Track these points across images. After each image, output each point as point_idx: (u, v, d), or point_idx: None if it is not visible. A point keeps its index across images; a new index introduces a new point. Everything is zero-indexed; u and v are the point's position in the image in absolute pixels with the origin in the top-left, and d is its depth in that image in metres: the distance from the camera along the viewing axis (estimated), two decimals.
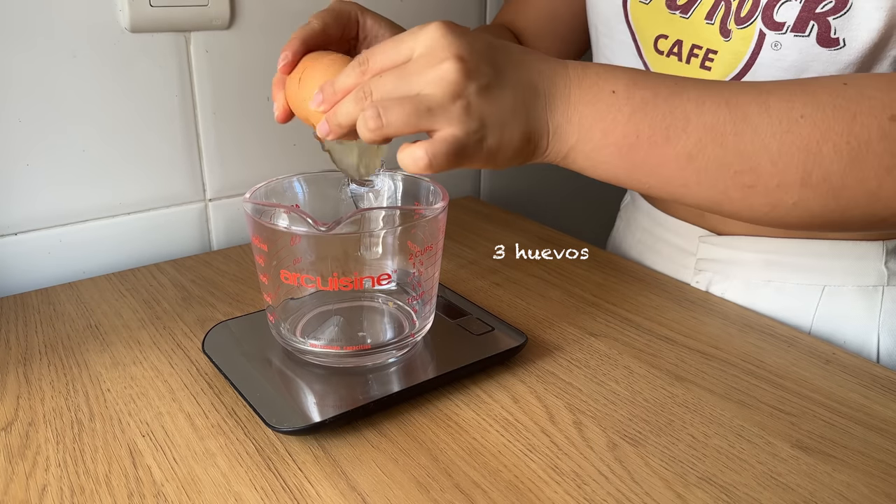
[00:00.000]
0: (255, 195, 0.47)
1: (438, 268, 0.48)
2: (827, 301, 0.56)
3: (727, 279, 0.61)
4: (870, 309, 0.56)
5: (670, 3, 0.54)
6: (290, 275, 0.45)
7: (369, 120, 0.37)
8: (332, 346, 0.46)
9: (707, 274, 0.62)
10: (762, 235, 0.58)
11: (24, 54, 0.59)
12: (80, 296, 0.61)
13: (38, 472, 0.40)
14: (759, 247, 0.58)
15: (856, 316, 0.56)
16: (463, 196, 0.90)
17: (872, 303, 0.56)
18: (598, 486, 0.39)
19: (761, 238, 0.58)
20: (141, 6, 0.62)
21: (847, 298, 0.56)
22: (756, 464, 0.40)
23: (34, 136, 0.62)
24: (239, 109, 0.71)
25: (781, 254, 0.58)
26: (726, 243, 0.60)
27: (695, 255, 0.63)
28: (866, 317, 0.56)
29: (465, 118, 0.37)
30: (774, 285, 0.58)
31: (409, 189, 0.51)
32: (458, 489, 0.39)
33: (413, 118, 0.37)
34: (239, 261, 0.68)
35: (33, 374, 0.49)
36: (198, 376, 0.49)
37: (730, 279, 0.60)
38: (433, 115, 0.37)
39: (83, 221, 0.66)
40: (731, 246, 0.60)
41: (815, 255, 0.56)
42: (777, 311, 0.58)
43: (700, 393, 0.47)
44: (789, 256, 0.57)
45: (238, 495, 0.38)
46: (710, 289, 0.62)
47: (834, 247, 0.56)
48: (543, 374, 0.49)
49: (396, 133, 0.37)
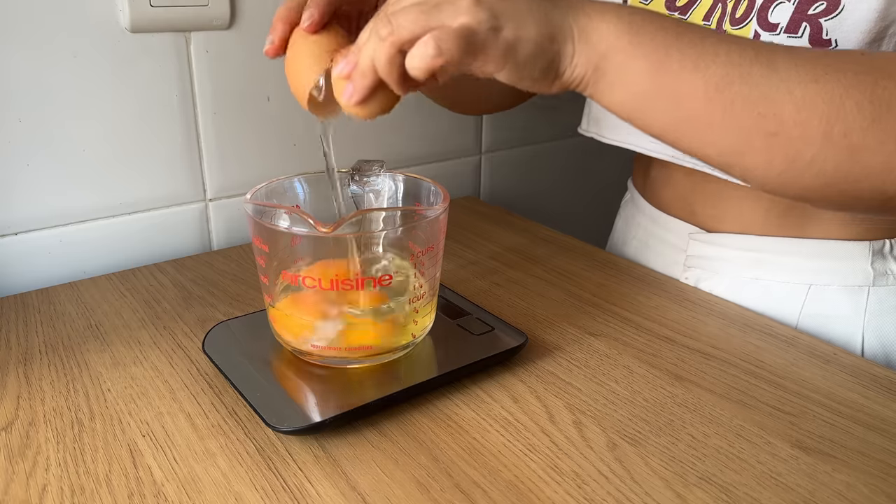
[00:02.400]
0: (255, 195, 0.47)
1: (439, 268, 0.48)
2: (813, 300, 0.57)
3: (715, 275, 0.61)
4: (855, 309, 0.56)
5: (670, 3, 0.54)
6: (290, 275, 0.45)
7: (381, 29, 0.37)
8: (333, 347, 0.46)
9: (696, 271, 0.62)
10: (750, 233, 0.59)
11: (24, 54, 0.59)
12: (80, 296, 0.61)
13: (39, 471, 0.40)
14: (746, 244, 0.59)
15: (841, 315, 0.56)
16: (463, 196, 0.90)
17: (858, 303, 0.56)
18: (598, 485, 0.39)
19: (749, 236, 0.59)
20: (141, 6, 0.62)
21: (833, 298, 0.56)
22: (756, 464, 0.40)
23: (34, 136, 0.62)
24: (239, 109, 0.71)
25: (769, 252, 0.58)
26: (715, 240, 0.61)
27: (685, 252, 0.63)
28: (851, 317, 0.56)
29: (475, 9, 0.37)
30: (761, 283, 0.59)
31: (410, 190, 0.51)
32: (458, 489, 0.39)
33: (422, 17, 0.36)
34: (239, 261, 0.68)
35: (33, 374, 0.49)
36: (198, 376, 0.49)
37: (718, 276, 0.61)
38: (440, 10, 0.37)
39: (83, 221, 0.66)
40: (720, 243, 0.60)
41: (802, 255, 0.57)
42: (763, 308, 0.58)
43: (700, 393, 0.47)
44: (776, 255, 0.58)
45: (238, 495, 0.38)
46: (699, 285, 0.62)
47: (821, 246, 0.56)
48: (543, 374, 0.49)
49: (408, 37, 0.37)
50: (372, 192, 0.49)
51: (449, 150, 0.89)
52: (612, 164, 1.05)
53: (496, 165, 0.95)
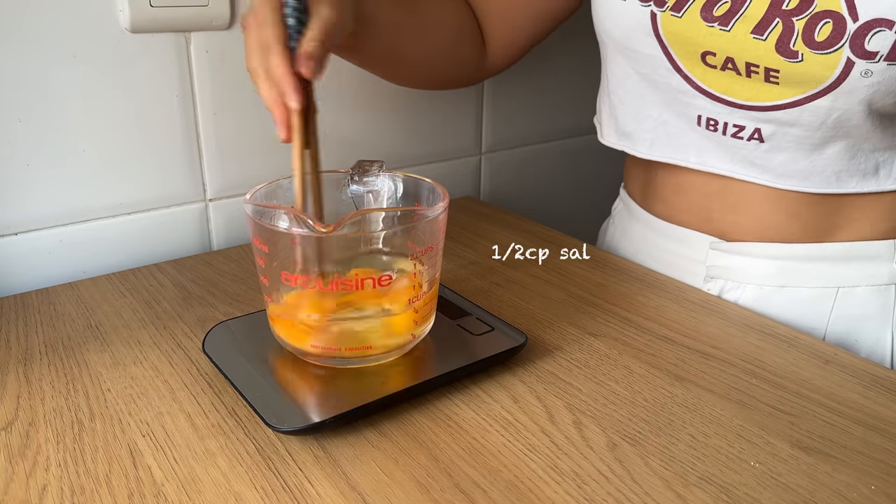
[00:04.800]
0: (255, 196, 0.47)
1: (439, 268, 0.48)
2: (842, 303, 0.56)
3: (740, 286, 0.60)
4: (883, 308, 0.56)
5: (706, 14, 0.51)
6: (290, 276, 0.45)
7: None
8: (333, 348, 0.46)
9: (719, 282, 0.62)
10: (772, 241, 0.58)
11: (24, 54, 0.59)
12: (80, 296, 0.61)
13: (39, 471, 0.40)
14: (771, 252, 0.58)
15: (869, 315, 0.56)
16: (463, 196, 0.90)
17: (885, 301, 0.56)
18: (598, 485, 0.39)
19: (773, 244, 0.58)
20: (141, 6, 0.62)
21: (861, 299, 0.56)
22: (756, 464, 0.40)
23: (34, 136, 0.62)
24: (239, 109, 0.71)
25: (795, 259, 0.57)
26: (738, 250, 0.60)
27: (704, 263, 0.62)
28: (880, 316, 0.56)
29: None
30: (788, 290, 0.58)
31: (410, 190, 0.51)
32: (458, 489, 0.39)
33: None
34: (239, 261, 0.68)
35: (33, 374, 0.49)
36: (198, 376, 0.49)
37: (743, 286, 0.60)
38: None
39: (83, 221, 0.66)
40: (743, 252, 0.60)
41: (829, 259, 0.56)
42: (791, 315, 0.58)
43: (700, 393, 0.47)
44: (803, 261, 0.57)
45: (238, 495, 0.38)
46: (723, 296, 0.61)
47: (847, 248, 0.56)
48: (543, 374, 0.49)
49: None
50: (371, 193, 0.49)
51: (449, 150, 0.89)
52: (612, 164, 1.05)
53: (496, 165, 0.95)
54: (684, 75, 0.55)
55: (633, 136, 0.63)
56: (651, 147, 0.62)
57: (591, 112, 0.71)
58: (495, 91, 0.90)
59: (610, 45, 0.61)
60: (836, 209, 0.56)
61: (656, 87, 0.58)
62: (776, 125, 0.53)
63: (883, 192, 0.55)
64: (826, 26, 0.47)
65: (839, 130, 0.51)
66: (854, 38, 0.46)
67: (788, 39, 0.49)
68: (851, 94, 0.48)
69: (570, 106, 0.99)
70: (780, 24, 0.49)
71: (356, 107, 0.78)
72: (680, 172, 0.62)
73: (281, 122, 0.44)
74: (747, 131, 0.54)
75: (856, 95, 0.48)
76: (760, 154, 0.55)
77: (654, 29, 0.54)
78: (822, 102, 0.50)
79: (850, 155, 0.53)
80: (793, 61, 0.49)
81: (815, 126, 0.51)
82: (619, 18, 0.57)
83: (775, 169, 0.55)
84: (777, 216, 0.58)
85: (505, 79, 0.90)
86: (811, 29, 0.48)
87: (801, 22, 0.48)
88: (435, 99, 0.85)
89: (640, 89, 0.60)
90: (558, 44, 0.92)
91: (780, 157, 0.55)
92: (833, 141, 0.52)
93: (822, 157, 0.53)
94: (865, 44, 0.46)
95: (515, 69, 0.90)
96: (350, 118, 0.79)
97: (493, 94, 0.90)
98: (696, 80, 0.55)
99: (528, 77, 0.93)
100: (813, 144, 0.53)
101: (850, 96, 0.48)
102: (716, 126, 0.56)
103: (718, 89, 0.54)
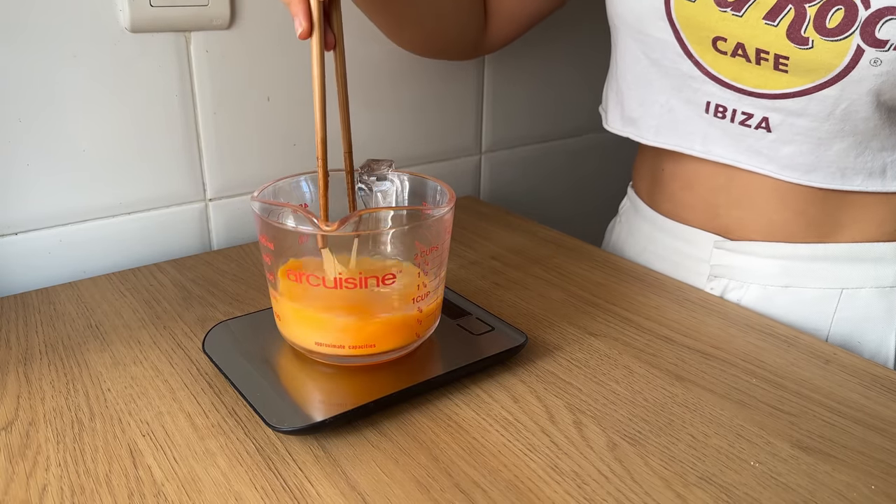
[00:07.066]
0: (262, 194, 0.47)
1: (444, 268, 0.48)
2: (845, 304, 0.56)
3: (743, 286, 0.60)
4: (887, 310, 0.56)
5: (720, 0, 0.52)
6: (297, 274, 0.45)
7: None
8: (337, 346, 0.46)
9: (722, 280, 0.62)
10: (778, 241, 0.58)
11: (24, 54, 0.59)
12: (80, 295, 0.61)
13: (39, 471, 0.40)
14: (775, 252, 0.58)
15: (873, 317, 0.56)
16: (463, 196, 0.90)
17: (890, 304, 0.56)
18: (598, 485, 0.39)
19: (777, 244, 0.58)
20: (141, 6, 0.62)
21: (865, 301, 0.56)
22: (756, 464, 0.40)
23: (34, 136, 0.62)
24: (239, 109, 0.71)
25: (799, 259, 0.57)
26: (742, 249, 0.60)
27: (708, 262, 0.62)
28: (884, 318, 0.56)
29: None
30: (792, 290, 0.58)
31: (417, 189, 0.51)
32: (458, 489, 0.39)
33: None
34: (239, 261, 0.68)
35: (33, 374, 0.49)
36: (198, 376, 0.49)
37: (746, 285, 0.60)
38: None
39: (83, 221, 0.66)
40: (747, 252, 0.59)
41: (834, 259, 0.56)
42: (795, 316, 0.58)
43: (700, 393, 0.47)
44: (807, 262, 0.57)
45: (238, 495, 0.38)
46: (726, 296, 0.61)
47: (851, 249, 0.56)
48: (543, 374, 0.49)
49: None
50: (380, 192, 0.49)
51: (449, 150, 0.89)
52: (612, 164, 1.06)
53: (496, 165, 0.95)
54: (695, 60, 0.55)
55: (639, 122, 0.63)
56: (657, 134, 0.61)
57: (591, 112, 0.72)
58: (495, 91, 0.90)
59: (622, 28, 0.61)
60: (841, 208, 0.56)
61: (666, 73, 0.58)
62: (784, 114, 0.53)
63: (889, 193, 0.55)
64: (838, 13, 0.47)
65: (846, 124, 0.51)
66: (865, 25, 0.46)
67: (800, 26, 0.49)
68: (860, 83, 0.48)
69: (571, 106, 0.99)
70: (793, 11, 0.49)
71: (356, 107, 0.78)
72: (686, 166, 0.62)
73: (300, 10, 0.40)
74: (755, 119, 0.54)
75: (864, 85, 0.48)
76: (767, 144, 0.55)
77: (667, 12, 0.55)
78: (830, 92, 0.50)
79: (857, 152, 0.53)
80: (803, 48, 0.49)
81: (822, 117, 0.51)
82: (632, 2, 0.57)
83: (781, 160, 0.55)
84: (782, 213, 0.58)
85: (505, 78, 0.90)
86: (823, 15, 0.48)
87: (813, 8, 0.48)
88: (435, 98, 0.85)
89: (649, 74, 0.60)
90: (559, 43, 0.92)
91: (786, 148, 0.55)
92: (840, 136, 0.52)
93: (829, 152, 0.53)
94: (876, 31, 0.46)
95: (515, 69, 0.90)
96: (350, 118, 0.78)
97: (493, 93, 0.90)
98: (706, 66, 0.55)
99: (528, 77, 0.93)
100: (819, 138, 0.53)
101: (858, 85, 0.48)
102: (724, 113, 0.56)
103: (728, 76, 0.54)
